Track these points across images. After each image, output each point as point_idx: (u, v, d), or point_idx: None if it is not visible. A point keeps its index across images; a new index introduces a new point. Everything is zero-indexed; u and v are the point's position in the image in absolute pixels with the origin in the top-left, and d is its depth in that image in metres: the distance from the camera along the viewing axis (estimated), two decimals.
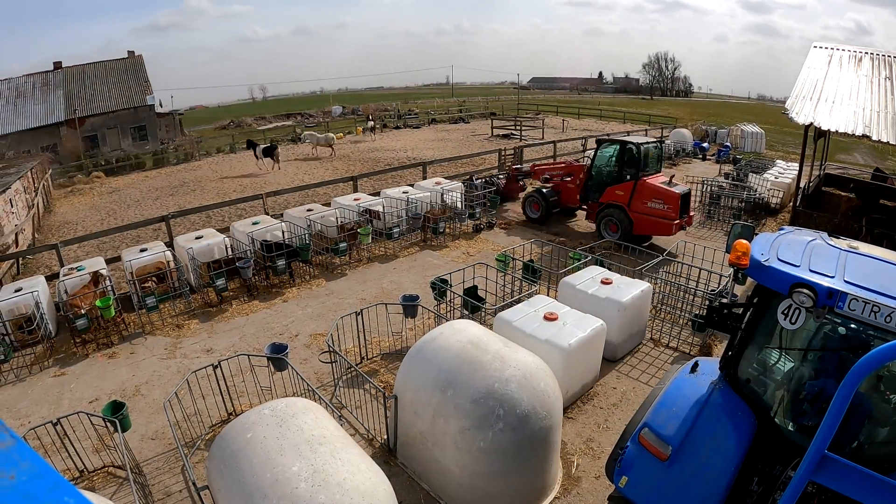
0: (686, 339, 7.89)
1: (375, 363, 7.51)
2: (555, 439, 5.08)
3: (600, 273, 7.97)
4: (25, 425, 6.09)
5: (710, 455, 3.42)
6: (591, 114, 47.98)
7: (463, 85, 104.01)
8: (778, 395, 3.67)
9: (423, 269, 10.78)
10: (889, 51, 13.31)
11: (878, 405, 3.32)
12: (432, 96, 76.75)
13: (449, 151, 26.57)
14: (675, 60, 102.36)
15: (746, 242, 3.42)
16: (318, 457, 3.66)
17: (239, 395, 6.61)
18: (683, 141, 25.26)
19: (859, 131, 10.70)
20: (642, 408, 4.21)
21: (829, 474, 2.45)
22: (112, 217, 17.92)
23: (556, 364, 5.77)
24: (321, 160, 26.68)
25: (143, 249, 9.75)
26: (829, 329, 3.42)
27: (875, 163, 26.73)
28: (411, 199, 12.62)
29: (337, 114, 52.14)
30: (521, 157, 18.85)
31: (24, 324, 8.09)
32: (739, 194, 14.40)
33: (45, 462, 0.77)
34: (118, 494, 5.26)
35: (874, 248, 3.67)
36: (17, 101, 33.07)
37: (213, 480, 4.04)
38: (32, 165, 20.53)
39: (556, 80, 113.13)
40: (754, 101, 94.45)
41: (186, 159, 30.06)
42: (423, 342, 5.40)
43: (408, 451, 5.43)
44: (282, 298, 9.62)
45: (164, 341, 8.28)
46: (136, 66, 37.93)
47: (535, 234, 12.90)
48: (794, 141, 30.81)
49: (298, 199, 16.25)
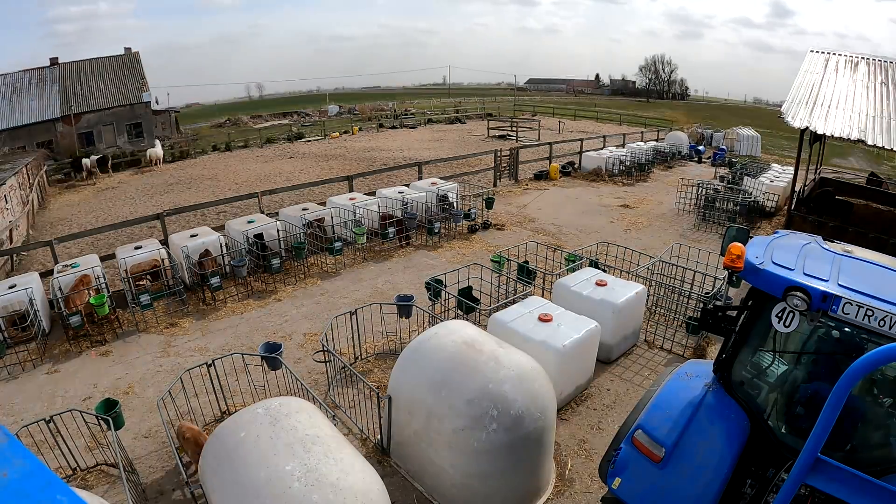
0: (680, 342, 7.91)
1: (369, 363, 7.50)
2: (548, 440, 5.08)
3: (595, 275, 7.98)
4: (18, 423, 6.05)
5: (703, 457, 3.43)
6: (587, 116, 48.08)
7: (460, 86, 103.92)
8: (771, 397, 3.69)
9: (417, 270, 10.78)
10: (885, 56, 13.38)
11: (871, 408, 3.34)
12: (429, 96, 76.63)
13: (445, 152, 26.58)
14: (671, 63, 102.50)
15: (741, 245, 3.44)
16: (312, 456, 3.66)
17: (232, 394, 6.59)
18: (679, 144, 25.32)
19: (854, 136, 10.76)
20: (636, 409, 4.22)
21: (822, 477, 2.46)
22: (107, 214, 17.85)
23: (550, 365, 5.78)
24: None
25: (138, 247, 9.72)
26: (822, 332, 3.44)
27: (870, 167, 26.91)
28: (407, 200, 12.61)
29: (333, 113, 52.01)
30: (518, 158, 18.85)
31: (18, 321, 8.05)
32: (735, 197, 14.43)
33: (38, 460, 0.77)
34: (111, 492, 5.24)
35: (868, 251, 3.70)
36: (13, 96, 32.80)
37: (206, 479, 4.03)
38: (27, 162, 20.42)
39: (552, 81, 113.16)
40: (750, 105, 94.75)
41: (182, 157, 29.99)
42: (418, 342, 5.40)
43: (402, 451, 5.43)
44: (276, 297, 9.60)
45: (157, 339, 8.25)
46: (133, 62, 37.73)
47: (531, 235, 12.91)
48: (789, 145, 30.95)
49: (293, 198, 16.23)
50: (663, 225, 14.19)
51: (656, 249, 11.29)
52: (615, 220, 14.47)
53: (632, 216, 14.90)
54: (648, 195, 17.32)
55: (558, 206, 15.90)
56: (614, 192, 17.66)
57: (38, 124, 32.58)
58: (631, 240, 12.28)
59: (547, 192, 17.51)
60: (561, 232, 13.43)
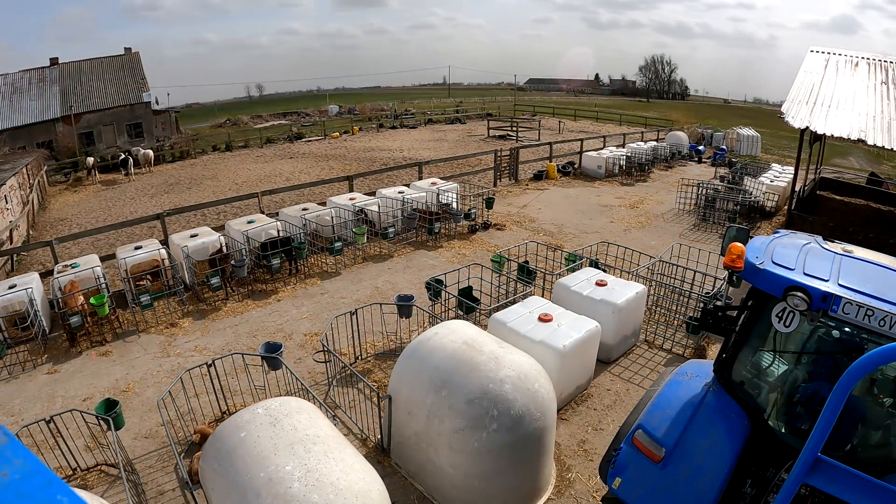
0: (680, 342, 7.91)
1: (370, 363, 7.50)
2: (549, 440, 5.08)
3: (595, 275, 7.98)
4: (18, 423, 6.06)
5: (703, 457, 3.43)
6: (587, 115, 48.04)
7: (460, 86, 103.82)
8: (772, 397, 3.68)
9: (417, 270, 10.78)
10: (886, 55, 13.38)
11: (871, 408, 3.34)
12: (429, 96, 76.58)
13: (445, 152, 26.59)
14: (671, 63, 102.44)
15: (741, 245, 3.43)
16: (312, 456, 3.66)
17: (233, 394, 6.60)
18: (679, 144, 25.31)
19: (854, 136, 10.77)
20: (636, 409, 4.23)
21: (822, 477, 2.46)
22: (107, 214, 17.85)
23: (550, 365, 5.78)
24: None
25: (138, 247, 9.72)
26: (823, 332, 3.44)
27: (870, 167, 26.91)
28: (407, 200, 12.62)
29: (333, 113, 51.99)
30: (518, 158, 18.85)
31: (18, 321, 8.05)
32: (735, 197, 14.44)
33: (38, 460, 0.77)
34: (111, 492, 5.24)
35: (869, 251, 3.69)
36: (13, 96, 32.81)
37: (206, 479, 4.03)
38: (28, 162, 20.42)
39: (553, 81, 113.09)
40: (751, 105, 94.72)
41: (182, 157, 30.00)
42: (418, 342, 5.40)
43: (402, 452, 5.43)
44: (276, 297, 9.60)
45: (158, 339, 8.25)
46: (133, 62, 37.73)
47: (531, 235, 12.91)
48: (789, 145, 30.92)
49: (293, 198, 16.23)
50: (663, 225, 14.19)
51: (656, 249, 11.29)
52: (615, 220, 14.47)
53: (632, 216, 14.90)
54: (648, 195, 17.32)
55: (558, 205, 15.90)
56: (614, 192, 17.66)
57: (39, 124, 32.58)
58: (631, 240, 12.27)
59: (547, 192, 17.51)
60: (561, 232, 13.43)
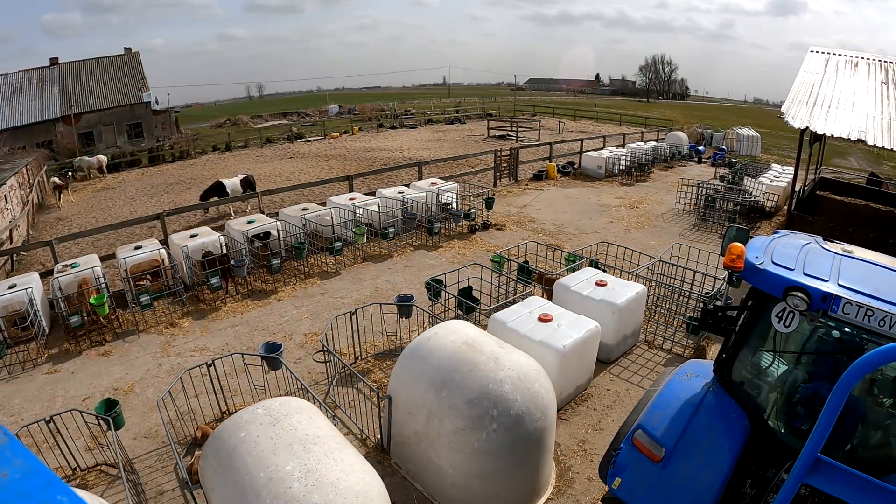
0: (680, 342, 7.91)
1: (369, 363, 7.49)
2: (548, 440, 5.08)
3: (595, 275, 7.98)
4: (18, 423, 6.06)
5: (703, 457, 3.43)
6: (587, 116, 48.05)
7: (460, 86, 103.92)
8: (771, 397, 3.68)
9: (417, 270, 10.78)
10: (886, 56, 13.38)
11: (871, 408, 3.34)
12: (429, 97, 76.58)
13: (445, 152, 26.59)
14: (671, 63, 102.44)
15: (741, 245, 3.43)
16: (312, 456, 3.66)
17: (232, 393, 6.60)
18: (679, 144, 25.31)
19: (854, 136, 10.76)
20: (636, 409, 4.22)
21: (822, 477, 2.46)
22: (107, 214, 17.85)
23: (550, 365, 5.78)
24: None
25: (138, 247, 9.71)
26: (822, 332, 3.44)
27: (870, 167, 26.92)
28: (407, 200, 12.61)
29: (333, 113, 52.00)
30: (518, 158, 18.85)
31: (18, 321, 8.05)
32: (734, 197, 14.44)
33: (38, 460, 0.77)
34: (111, 492, 5.24)
35: (868, 251, 3.69)
36: (13, 96, 32.82)
37: (206, 479, 4.03)
38: (27, 162, 20.42)
39: (553, 81, 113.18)
40: (751, 105, 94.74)
41: (182, 157, 30.00)
42: (418, 342, 5.40)
43: (402, 452, 5.43)
44: (276, 297, 9.60)
45: (157, 339, 8.25)
46: (133, 62, 37.73)
47: (530, 235, 12.91)
48: (789, 145, 30.95)
49: (293, 198, 16.22)
50: (663, 225, 14.19)
51: (656, 249, 11.29)
52: (615, 220, 14.46)
53: (632, 216, 14.90)
54: (648, 195, 17.32)
55: (558, 206, 15.90)
56: (614, 192, 17.66)
57: (38, 124, 32.59)
58: (631, 240, 12.28)
59: (547, 192, 17.51)
60: (561, 232, 13.43)
